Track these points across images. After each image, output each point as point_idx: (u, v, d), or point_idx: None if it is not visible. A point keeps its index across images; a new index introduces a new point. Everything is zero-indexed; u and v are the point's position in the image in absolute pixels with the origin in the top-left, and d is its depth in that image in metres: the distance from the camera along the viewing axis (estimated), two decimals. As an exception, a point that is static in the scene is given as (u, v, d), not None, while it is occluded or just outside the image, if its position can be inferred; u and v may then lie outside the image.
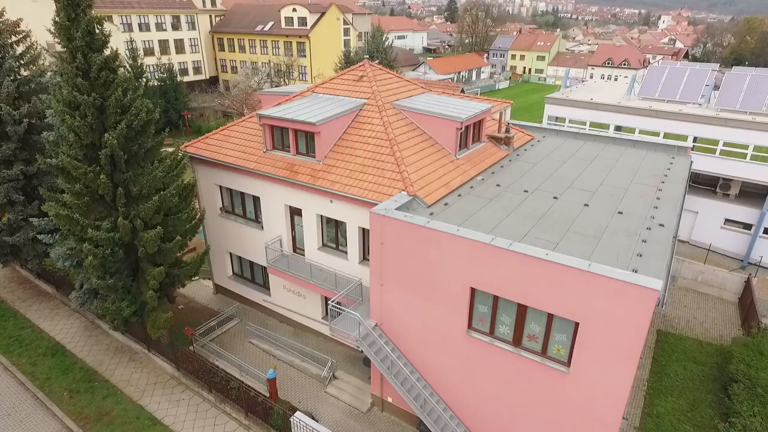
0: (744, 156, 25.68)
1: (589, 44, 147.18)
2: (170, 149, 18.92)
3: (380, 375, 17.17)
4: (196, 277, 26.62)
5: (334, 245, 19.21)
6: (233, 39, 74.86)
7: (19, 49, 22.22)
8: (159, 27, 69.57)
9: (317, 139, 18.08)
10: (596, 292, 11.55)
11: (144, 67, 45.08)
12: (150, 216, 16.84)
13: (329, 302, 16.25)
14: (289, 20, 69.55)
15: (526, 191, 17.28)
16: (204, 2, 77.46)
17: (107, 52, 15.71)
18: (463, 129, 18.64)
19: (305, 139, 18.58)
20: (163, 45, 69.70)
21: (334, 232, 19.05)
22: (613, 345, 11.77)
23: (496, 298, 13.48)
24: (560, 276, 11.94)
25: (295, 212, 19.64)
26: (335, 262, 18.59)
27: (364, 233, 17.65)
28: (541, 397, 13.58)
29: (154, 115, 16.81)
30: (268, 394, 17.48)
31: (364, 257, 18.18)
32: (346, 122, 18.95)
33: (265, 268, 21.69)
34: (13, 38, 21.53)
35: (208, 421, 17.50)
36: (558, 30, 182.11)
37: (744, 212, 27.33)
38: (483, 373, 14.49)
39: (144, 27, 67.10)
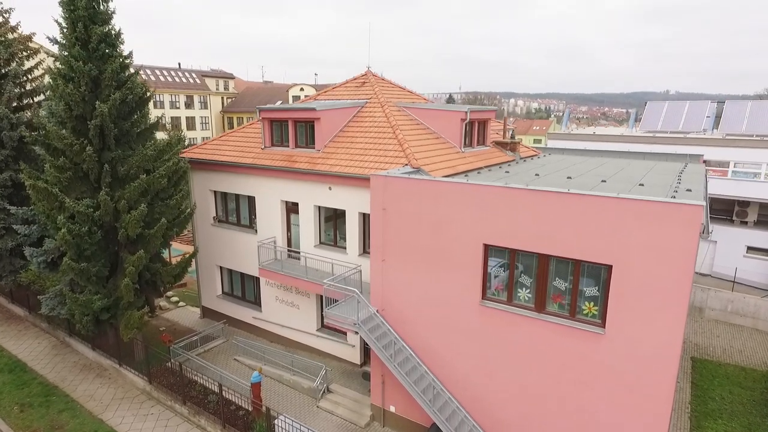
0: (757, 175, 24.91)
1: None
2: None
3: (382, 381, 14.85)
4: (182, 304, 24.76)
5: (332, 242, 17.74)
6: (242, 117, 78.10)
7: (28, 64, 22.54)
8: (173, 105, 73.14)
9: (317, 128, 17.45)
10: (630, 222, 10.07)
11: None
12: (135, 198, 15.68)
13: (324, 282, 14.46)
14: (297, 99, 73.04)
15: (537, 175, 16.23)
16: (218, 86, 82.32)
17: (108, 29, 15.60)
18: (468, 121, 18.07)
19: (305, 131, 17.97)
20: (175, 121, 72.60)
21: (332, 228, 17.70)
22: (655, 287, 10.01)
23: (513, 255, 11.86)
24: (587, 210, 10.53)
25: (291, 210, 18.44)
26: (333, 257, 16.99)
27: (365, 220, 16.32)
28: (573, 373, 11.39)
29: (151, 94, 16.32)
30: (250, 403, 14.98)
31: (365, 250, 16.65)
32: (346, 115, 18.47)
33: (257, 279, 20.00)
34: (24, 52, 21.87)
35: (177, 435, 14.84)
36: (552, 116, 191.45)
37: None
38: (501, 353, 12.37)
39: (158, 104, 70.34)
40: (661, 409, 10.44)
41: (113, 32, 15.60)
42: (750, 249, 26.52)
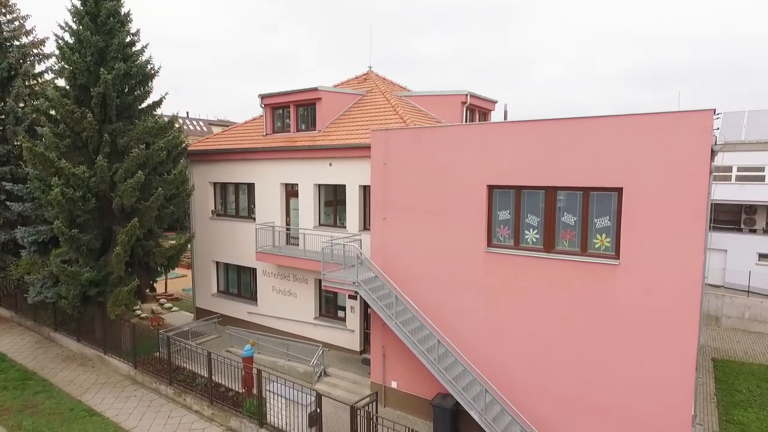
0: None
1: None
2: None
3: (383, 354, 13.89)
4: (176, 308, 23.83)
5: (331, 222, 17.28)
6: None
7: (40, 67, 23.16)
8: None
9: (318, 109, 17.54)
10: (637, 140, 9.75)
11: None
12: (133, 170, 15.45)
13: (324, 243, 13.87)
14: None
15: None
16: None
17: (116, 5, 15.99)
18: (468, 105, 18.18)
19: (306, 113, 18.05)
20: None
21: (332, 212, 17.30)
22: (669, 205, 9.52)
23: (518, 194, 11.42)
24: (591, 133, 10.25)
25: (291, 194, 18.14)
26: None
27: (365, 194, 15.96)
28: (587, 316, 10.58)
29: (156, 71, 16.55)
30: (241, 378, 13.91)
31: (365, 226, 16.16)
32: (348, 100, 18.62)
33: (253, 271, 19.34)
34: (36, 50, 22.53)
35: (161, 414, 13.64)
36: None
37: (779, 245, 25.16)
38: (511, 303, 11.58)
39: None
40: (687, 342, 9.59)
41: (122, 11, 16.08)
42: (762, 256, 25.74)
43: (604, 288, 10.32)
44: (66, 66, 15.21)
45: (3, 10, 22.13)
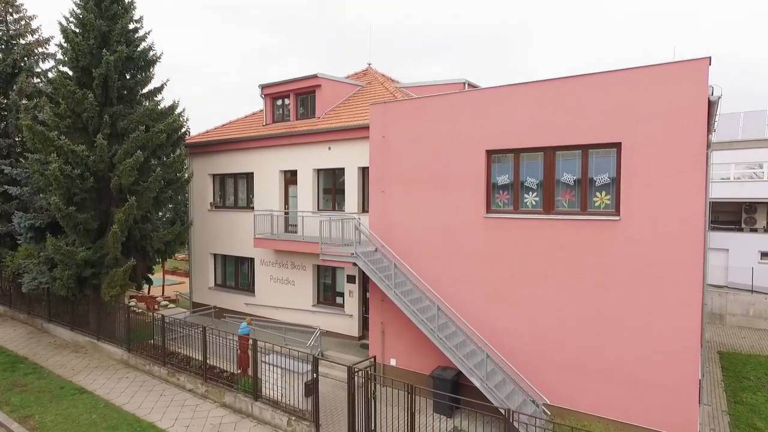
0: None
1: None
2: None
3: (381, 331, 13.63)
4: (172, 305, 23.50)
5: (330, 208, 17.20)
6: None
7: (44, 65, 23.48)
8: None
9: (318, 96, 17.70)
10: (634, 93, 9.80)
11: None
12: (133, 151, 15.47)
13: (323, 218, 13.76)
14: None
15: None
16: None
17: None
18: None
19: (306, 102, 18.21)
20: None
21: (330, 199, 17.25)
22: (668, 156, 9.50)
23: (517, 158, 11.40)
24: (588, 90, 10.31)
25: (289, 181, 18.13)
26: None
27: (364, 176, 15.94)
28: (590, 275, 10.42)
29: (158, 57, 16.77)
30: (237, 357, 13.59)
31: (364, 208, 16.08)
32: (347, 90, 18.81)
33: (251, 261, 19.16)
34: (41, 49, 22.90)
35: (153, 392, 13.26)
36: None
37: (780, 243, 24.99)
38: (511, 269, 11.42)
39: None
40: (692, 296, 9.40)
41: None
42: (764, 255, 25.53)
43: (606, 245, 10.19)
44: (68, 48, 15.40)
45: (10, 9, 22.61)
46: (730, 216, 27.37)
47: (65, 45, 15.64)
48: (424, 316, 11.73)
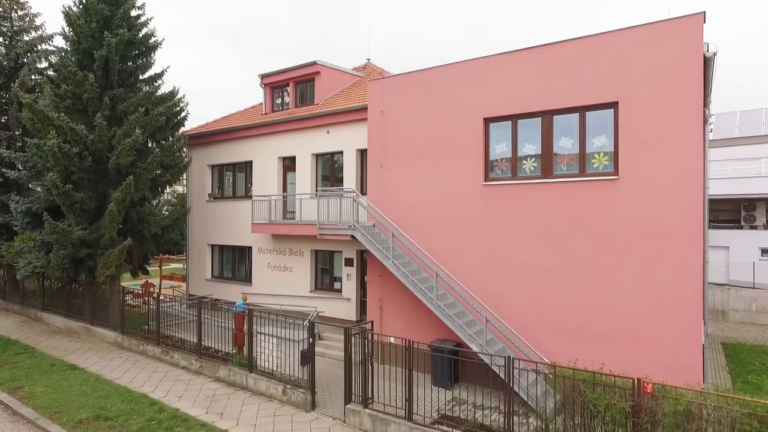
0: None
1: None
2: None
3: (380, 307, 13.45)
4: (168, 299, 23.17)
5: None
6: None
7: (45, 63, 23.71)
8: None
9: (317, 83, 17.84)
10: (630, 52, 9.88)
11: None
12: (131, 132, 15.52)
13: (320, 194, 13.69)
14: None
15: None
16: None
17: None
18: (465, 83, 18.48)
19: (305, 90, 18.35)
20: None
21: (329, 183, 17.22)
22: (664, 112, 9.52)
23: (515, 124, 11.42)
24: (584, 53, 10.38)
25: (288, 168, 18.12)
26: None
27: (362, 159, 15.92)
28: (589, 236, 10.32)
29: (159, 43, 16.95)
30: (233, 336, 13.36)
31: (362, 191, 16.02)
32: (346, 79, 18.97)
33: (249, 250, 19.02)
34: (44, 46, 23.17)
35: (146, 369, 12.99)
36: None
37: (781, 239, 24.89)
38: (511, 236, 11.31)
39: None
40: (693, 252, 9.29)
41: (130, -15, 16.68)
42: (765, 251, 25.40)
43: (605, 205, 10.12)
44: (71, 31, 15.58)
45: (15, 6, 22.98)
46: (730, 214, 27.34)
47: (67, 29, 15.83)
48: (423, 285, 11.58)
